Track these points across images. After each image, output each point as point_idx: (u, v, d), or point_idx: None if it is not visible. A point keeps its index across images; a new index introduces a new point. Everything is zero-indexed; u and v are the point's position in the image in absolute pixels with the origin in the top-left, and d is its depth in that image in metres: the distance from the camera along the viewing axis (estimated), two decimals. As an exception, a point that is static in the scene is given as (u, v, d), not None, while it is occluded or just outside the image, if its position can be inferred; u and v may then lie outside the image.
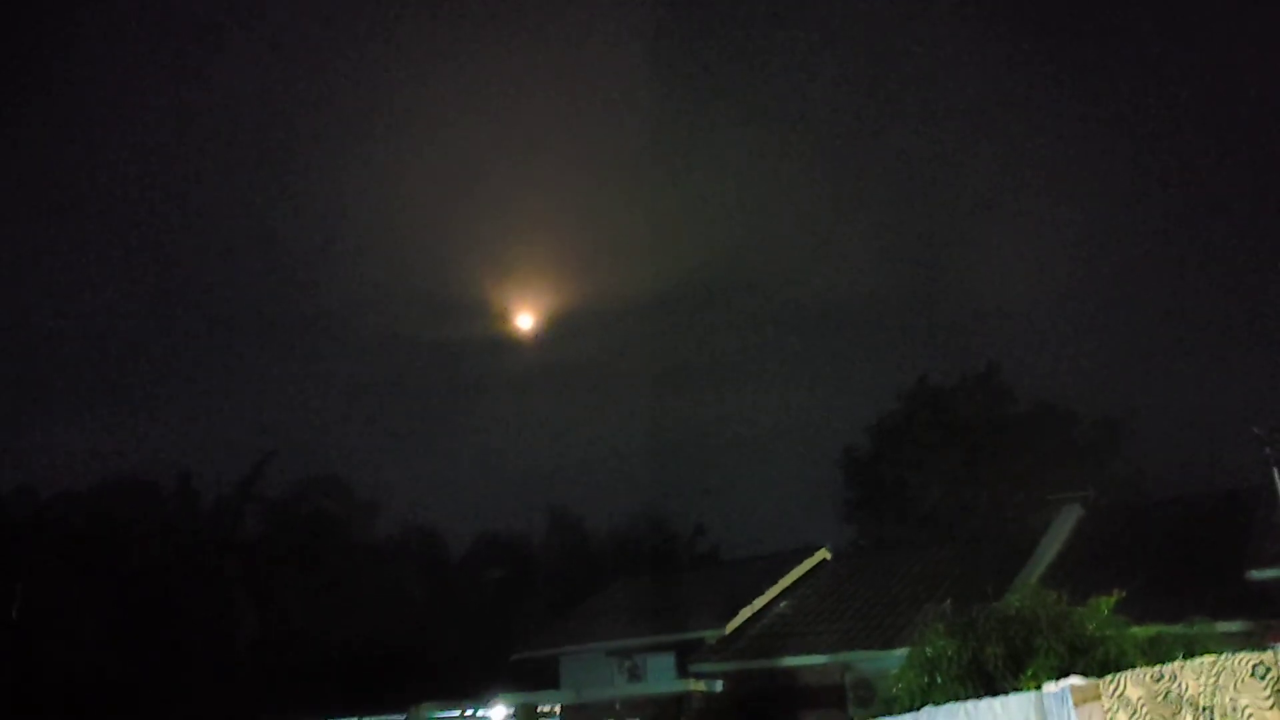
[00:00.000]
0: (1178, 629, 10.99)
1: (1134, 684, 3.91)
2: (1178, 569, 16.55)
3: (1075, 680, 4.13)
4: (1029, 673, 9.87)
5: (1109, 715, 3.90)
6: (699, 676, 20.55)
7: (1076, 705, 3.98)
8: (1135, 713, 3.85)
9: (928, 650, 11.48)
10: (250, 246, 70.41)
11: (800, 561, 24.49)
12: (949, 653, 11.12)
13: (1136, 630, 10.85)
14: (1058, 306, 60.27)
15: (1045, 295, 59.52)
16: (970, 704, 3.87)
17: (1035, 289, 60.58)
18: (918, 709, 10.18)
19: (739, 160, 66.44)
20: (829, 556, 25.40)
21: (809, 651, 19.39)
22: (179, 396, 59.97)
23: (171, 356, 64.61)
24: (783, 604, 22.70)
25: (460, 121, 65.80)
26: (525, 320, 52.08)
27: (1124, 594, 11.46)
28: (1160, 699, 3.83)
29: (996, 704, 4.01)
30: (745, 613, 22.25)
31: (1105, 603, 11.17)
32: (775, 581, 23.42)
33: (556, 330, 57.64)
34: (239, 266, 69.05)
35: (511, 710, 24.37)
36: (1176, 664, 3.63)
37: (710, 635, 21.74)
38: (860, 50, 64.57)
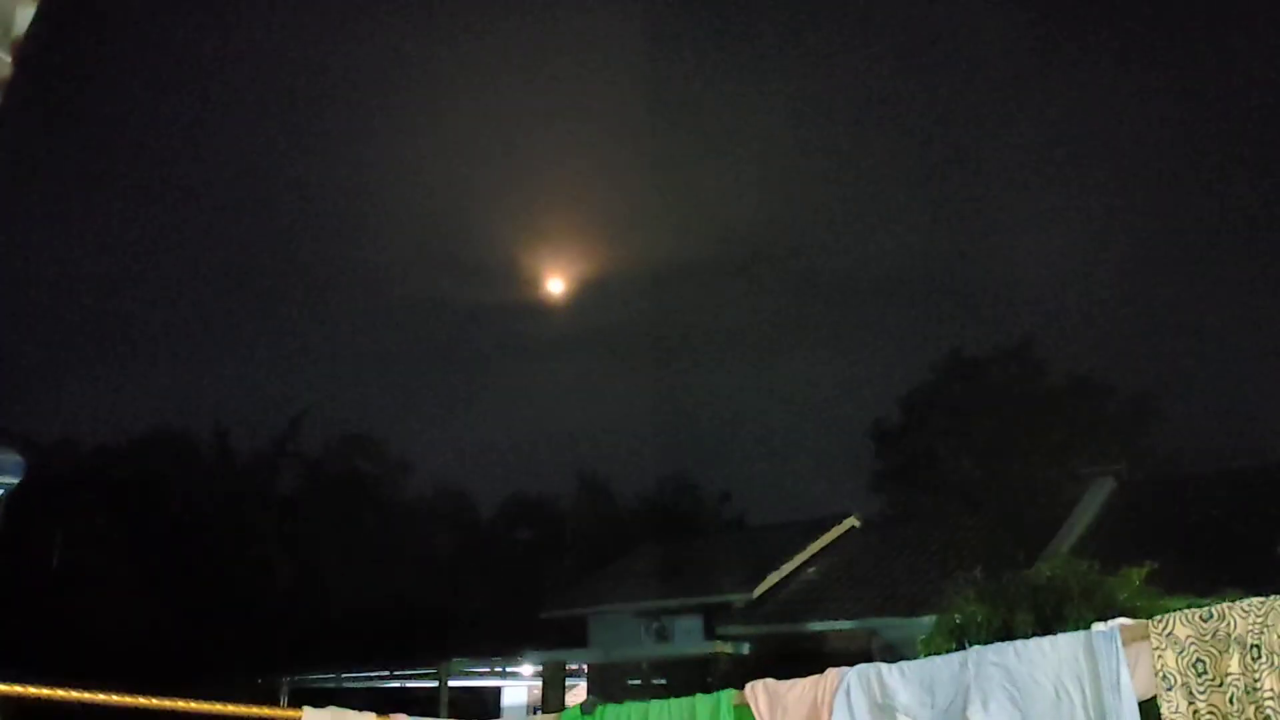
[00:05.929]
0: (1209, 601, 10.98)
1: (1183, 623, 3.95)
2: (1211, 543, 16.44)
3: (1124, 620, 4.19)
4: (1058, 640, 9.91)
5: (1157, 653, 3.94)
6: (726, 639, 20.73)
7: (1125, 644, 4.03)
8: (1183, 651, 3.88)
9: (956, 617, 11.49)
10: (283, 207, 70.91)
11: (828, 529, 24.53)
12: (978, 619, 11.13)
13: (1168, 601, 10.84)
14: (1095, 278, 59.40)
15: (1082, 267, 58.69)
16: (1019, 642, 3.94)
17: (1072, 260, 59.81)
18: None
19: (773, 129, 65.90)
20: (858, 525, 25.43)
21: (836, 617, 19.50)
22: (215, 352, 60.67)
23: (205, 313, 65.12)
24: (811, 570, 22.79)
25: (493, 85, 65.70)
26: (556, 285, 52.27)
27: (1156, 566, 11.43)
28: (1209, 638, 3.86)
29: (1045, 643, 4.06)
30: (773, 578, 22.35)
31: (1137, 573, 11.14)
32: (803, 548, 23.49)
33: (587, 295, 57.69)
34: (272, 226, 69.40)
35: (539, 667, 24.76)
36: (1226, 604, 3.69)
37: (738, 599, 21.89)
38: (894, 19, 63.61)
